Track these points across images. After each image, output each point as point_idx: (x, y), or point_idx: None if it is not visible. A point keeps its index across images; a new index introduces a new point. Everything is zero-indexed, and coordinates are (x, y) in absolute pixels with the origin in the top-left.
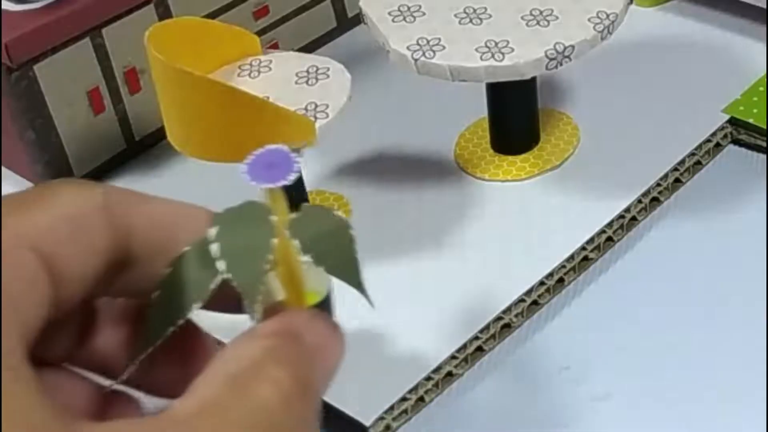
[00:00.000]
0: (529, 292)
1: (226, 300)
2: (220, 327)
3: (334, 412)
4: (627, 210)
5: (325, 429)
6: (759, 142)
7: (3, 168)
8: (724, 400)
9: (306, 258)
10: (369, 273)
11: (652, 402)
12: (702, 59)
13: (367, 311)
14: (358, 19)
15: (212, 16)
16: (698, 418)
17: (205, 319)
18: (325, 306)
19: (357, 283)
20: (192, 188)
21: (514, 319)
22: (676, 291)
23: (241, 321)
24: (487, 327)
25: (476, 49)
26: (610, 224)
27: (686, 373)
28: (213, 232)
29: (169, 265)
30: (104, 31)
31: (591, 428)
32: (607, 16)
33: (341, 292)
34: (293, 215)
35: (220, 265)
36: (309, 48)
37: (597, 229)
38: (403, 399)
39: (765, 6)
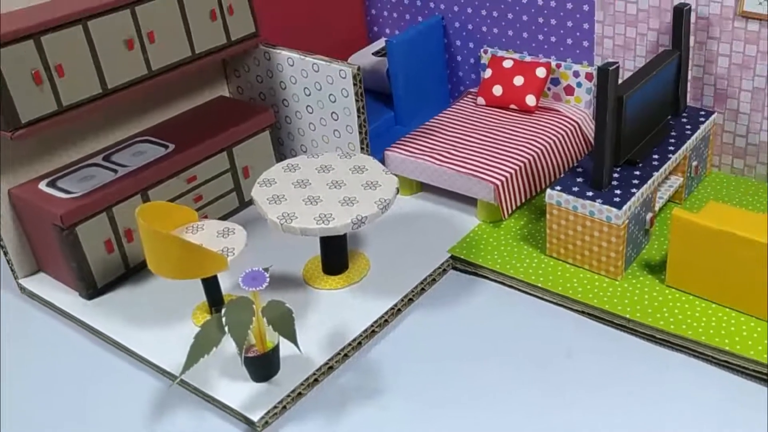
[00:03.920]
0: (343, 349)
1: None
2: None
3: (233, 411)
4: (395, 305)
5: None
6: (468, 268)
7: (59, 282)
8: (463, 415)
9: (269, 326)
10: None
11: (416, 408)
12: (437, 223)
13: None
14: (251, 202)
15: (172, 200)
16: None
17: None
18: (275, 349)
19: (293, 340)
20: (162, 294)
21: (336, 364)
22: (423, 352)
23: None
24: (319, 369)
25: (314, 219)
26: (386, 312)
27: (428, 395)
28: (224, 310)
29: (201, 325)
30: (114, 209)
31: (376, 424)
32: (385, 200)
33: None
34: (264, 304)
35: (226, 329)
36: (224, 218)
37: (379, 315)
38: (274, 407)
39: (470, 195)
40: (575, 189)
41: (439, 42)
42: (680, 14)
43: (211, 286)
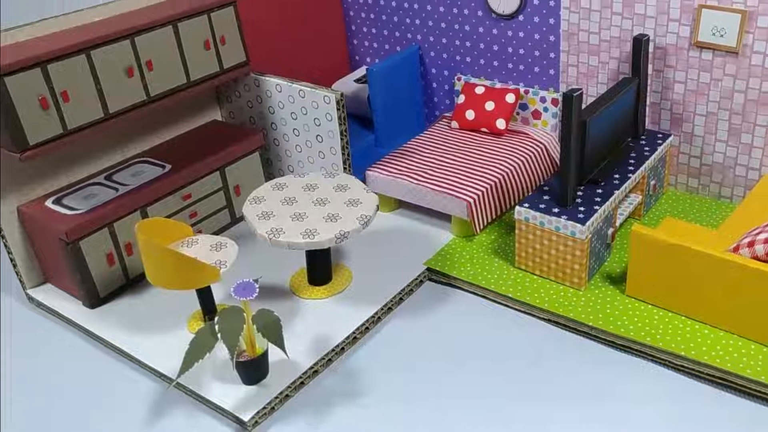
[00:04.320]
0: (327, 355)
1: None
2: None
3: (225, 412)
4: (375, 313)
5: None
6: (442, 280)
7: (64, 292)
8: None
9: (258, 333)
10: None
11: (395, 408)
12: (414, 237)
13: None
14: (242, 218)
15: (168, 216)
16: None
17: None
18: (264, 354)
19: (281, 346)
20: (160, 303)
21: (320, 369)
22: (401, 357)
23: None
24: (305, 373)
25: (300, 233)
26: (367, 320)
27: (405, 397)
28: (217, 318)
29: (196, 332)
30: (115, 224)
31: (357, 423)
32: (366, 216)
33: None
34: (254, 313)
35: (219, 335)
36: (217, 233)
37: (361, 322)
38: (263, 407)
39: (445, 212)
40: (542, 206)
41: (416, 70)
42: (639, 44)
43: (204, 296)
